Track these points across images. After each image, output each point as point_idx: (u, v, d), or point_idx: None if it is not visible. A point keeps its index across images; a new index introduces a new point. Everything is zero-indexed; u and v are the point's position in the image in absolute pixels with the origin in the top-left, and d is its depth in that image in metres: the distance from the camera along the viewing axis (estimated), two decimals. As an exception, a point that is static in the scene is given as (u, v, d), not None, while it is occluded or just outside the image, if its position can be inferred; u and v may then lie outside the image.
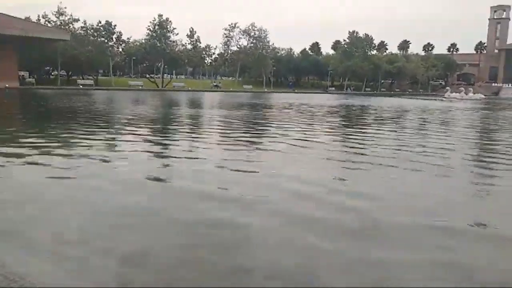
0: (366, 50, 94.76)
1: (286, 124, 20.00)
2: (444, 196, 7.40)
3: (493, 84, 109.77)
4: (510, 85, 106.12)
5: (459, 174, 9.41)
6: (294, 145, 12.92)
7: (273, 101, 47.15)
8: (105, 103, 35.72)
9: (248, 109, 31.70)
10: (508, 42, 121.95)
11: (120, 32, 70.73)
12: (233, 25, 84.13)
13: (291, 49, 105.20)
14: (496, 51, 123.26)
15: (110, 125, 18.55)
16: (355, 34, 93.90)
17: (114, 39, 70.78)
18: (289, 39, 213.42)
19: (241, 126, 19.11)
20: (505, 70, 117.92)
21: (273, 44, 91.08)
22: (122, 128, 17.40)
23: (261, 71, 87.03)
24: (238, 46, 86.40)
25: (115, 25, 69.01)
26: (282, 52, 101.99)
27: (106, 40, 68.92)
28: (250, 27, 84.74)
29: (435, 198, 7.25)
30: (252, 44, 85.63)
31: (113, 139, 14.06)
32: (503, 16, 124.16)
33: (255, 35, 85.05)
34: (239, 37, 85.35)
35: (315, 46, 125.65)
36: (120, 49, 75.31)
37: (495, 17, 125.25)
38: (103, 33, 68.29)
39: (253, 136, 15.47)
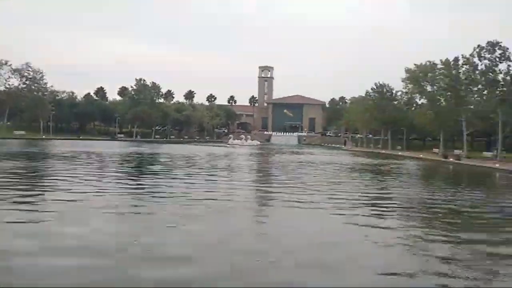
0: (154, 98, 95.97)
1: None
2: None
3: (265, 132, 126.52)
4: (277, 133, 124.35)
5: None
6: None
7: (52, 149, 41.53)
8: None
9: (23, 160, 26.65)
10: (273, 97, 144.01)
11: None
12: (4, 62, 72.43)
13: (73, 92, 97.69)
14: (265, 104, 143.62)
15: None
16: (142, 81, 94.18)
17: None
18: (70, 82, 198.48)
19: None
20: (273, 120, 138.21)
21: (51, 86, 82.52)
22: None
23: (37, 116, 76.99)
24: (7, 86, 74.75)
25: None
26: (63, 96, 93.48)
27: None
28: (24, 66, 74.76)
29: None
30: (25, 85, 75.39)
31: None
32: (269, 75, 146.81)
33: (29, 76, 75.42)
34: (9, 76, 74.14)
35: (101, 91, 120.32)
36: None
37: (263, 75, 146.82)
38: None
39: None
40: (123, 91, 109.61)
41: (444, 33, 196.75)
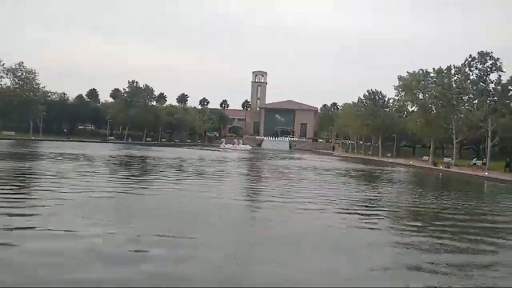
0: (147, 101, 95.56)
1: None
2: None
3: (257, 137, 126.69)
4: (269, 138, 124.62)
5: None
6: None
7: (43, 150, 41.13)
8: None
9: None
10: (266, 102, 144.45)
11: None
12: (-3, 60, 71.44)
13: (64, 94, 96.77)
14: (257, 109, 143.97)
15: None
16: (135, 84, 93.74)
17: None
18: (62, 83, 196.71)
19: None
20: (265, 125, 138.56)
21: (44, 87, 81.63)
22: None
23: (28, 116, 76.10)
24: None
25: None
26: (54, 97, 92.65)
27: None
28: (17, 66, 73.83)
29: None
30: (17, 85, 74.50)
31: None
32: (262, 80, 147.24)
33: (22, 76, 74.54)
34: (1, 76, 73.22)
35: (93, 93, 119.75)
36: None
37: (256, 80, 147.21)
38: None
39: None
40: (115, 93, 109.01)
41: (441, 42, 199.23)
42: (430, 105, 56.62)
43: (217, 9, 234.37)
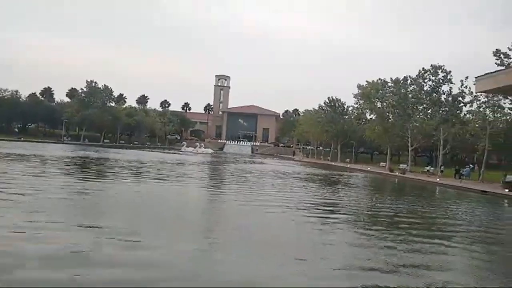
0: (105, 101, 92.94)
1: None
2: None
3: (219, 141, 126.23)
4: (231, 142, 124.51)
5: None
6: None
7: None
8: None
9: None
10: (229, 106, 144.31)
11: None
12: None
13: (17, 91, 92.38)
14: (220, 112, 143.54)
15: None
16: (93, 83, 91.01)
17: None
18: (14, 80, 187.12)
19: None
20: (228, 129, 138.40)
21: (-7, 83, 77.59)
22: None
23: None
24: None
25: None
26: (6, 94, 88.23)
27: None
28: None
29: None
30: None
31: None
32: (225, 84, 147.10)
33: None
34: None
35: (47, 91, 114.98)
36: None
37: (219, 84, 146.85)
38: None
39: None
40: (72, 92, 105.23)
41: (402, 53, 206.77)
42: (387, 114, 58.69)
43: (180, 10, 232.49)
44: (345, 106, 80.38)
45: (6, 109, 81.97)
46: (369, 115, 68.91)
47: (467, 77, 46.13)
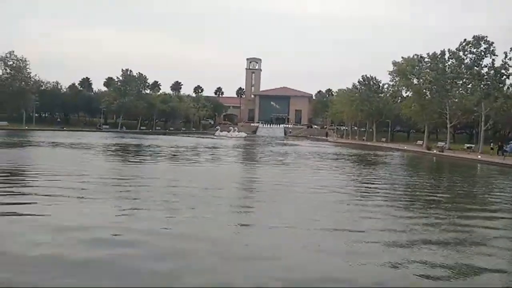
0: (140, 89, 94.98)
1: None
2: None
3: (252, 124, 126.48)
4: (264, 125, 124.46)
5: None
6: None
7: (42, 139, 40.94)
8: None
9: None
10: (260, 89, 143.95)
11: None
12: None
13: (57, 83, 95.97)
14: (252, 96, 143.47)
15: None
16: (128, 72, 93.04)
17: None
18: (54, 72, 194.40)
19: None
20: (260, 112, 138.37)
21: (36, 75, 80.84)
22: None
23: (20, 106, 75.42)
24: (-10, 75, 72.99)
25: None
26: (47, 86, 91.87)
27: None
28: (8, 55, 72.86)
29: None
30: (8, 75, 73.67)
31: None
32: (256, 67, 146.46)
33: (14, 65, 73.62)
34: (-9, 65, 72.36)
35: (86, 82, 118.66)
36: None
37: (250, 67, 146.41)
38: None
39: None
40: (109, 81, 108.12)
41: (440, 27, 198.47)
42: (424, 90, 56.71)
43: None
44: (380, 84, 78.19)
45: (48, 100, 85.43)
46: (405, 93, 66.81)
47: (511, 49, 43.71)
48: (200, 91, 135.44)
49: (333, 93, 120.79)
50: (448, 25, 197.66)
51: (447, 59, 52.37)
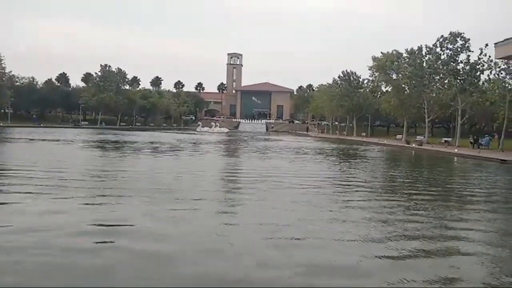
0: (120, 85, 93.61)
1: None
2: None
3: (233, 120, 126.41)
4: (246, 120, 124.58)
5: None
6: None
7: (23, 136, 39.96)
8: None
9: None
10: (242, 85, 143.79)
11: None
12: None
13: (33, 78, 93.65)
14: (234, 91, 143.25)
15: None
16: (107, 67, 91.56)
17: None
18: (29, 67, 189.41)
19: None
20: (242, 107, 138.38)
21: (10, 72, 78.68)
22: None
23: (-6, 102, 73.50)
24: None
25: None
26: (23, 81, 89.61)
27: None
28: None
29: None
30: (-18, 70, 71.50)
31: None
32: (238, 63, 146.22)
33: (-12, 61, 71.41)
34: (-38, 60, 70.01)
35: (63, 77, 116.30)
36: None
37: (231, 62, 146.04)
38: None
39: None
40: (87, 77, 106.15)
41: (416, 21, 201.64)
42: (403, 85, 57.69)
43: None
44: (360, 79, 79.18)
45: (24, 97, 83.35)
46: (385, 88, 67.93)
47: (486, 45, 44.69)
48: (180, 86, 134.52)
49: (314, 88, 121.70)
50: (430, 26, 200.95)
51: (424, 54, 53.38)
